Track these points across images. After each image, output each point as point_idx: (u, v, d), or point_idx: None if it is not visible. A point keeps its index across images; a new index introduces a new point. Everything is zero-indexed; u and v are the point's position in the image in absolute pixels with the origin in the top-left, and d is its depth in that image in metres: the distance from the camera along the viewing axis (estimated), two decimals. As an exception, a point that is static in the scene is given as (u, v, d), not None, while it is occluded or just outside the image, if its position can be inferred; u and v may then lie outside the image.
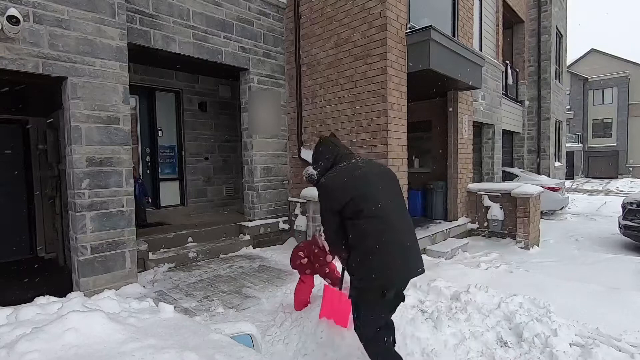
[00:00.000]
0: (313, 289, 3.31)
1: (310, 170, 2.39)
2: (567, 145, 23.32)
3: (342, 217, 2.16)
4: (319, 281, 3.27)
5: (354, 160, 2.34)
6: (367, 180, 2.18)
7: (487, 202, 6.83)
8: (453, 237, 6.52)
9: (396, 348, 2.36)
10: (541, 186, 7.40)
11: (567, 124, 22.10)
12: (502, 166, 10.14)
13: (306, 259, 3.14)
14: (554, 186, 9.67)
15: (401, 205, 2.30)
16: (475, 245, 6.33)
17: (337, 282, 2.93)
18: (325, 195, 2.24)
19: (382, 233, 2.08)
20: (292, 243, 5.90)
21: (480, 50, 8.40)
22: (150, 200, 6.67)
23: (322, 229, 2.42)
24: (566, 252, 6.11)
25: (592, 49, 32.61)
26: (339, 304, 2.79)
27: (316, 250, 3.09)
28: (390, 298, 2.19)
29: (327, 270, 3.07)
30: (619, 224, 6.95)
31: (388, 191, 2.23)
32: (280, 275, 4.61)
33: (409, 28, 5.33)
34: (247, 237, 5.95)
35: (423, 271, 2.20)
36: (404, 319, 3.15)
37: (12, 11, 3.25)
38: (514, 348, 2.77)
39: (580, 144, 30.16)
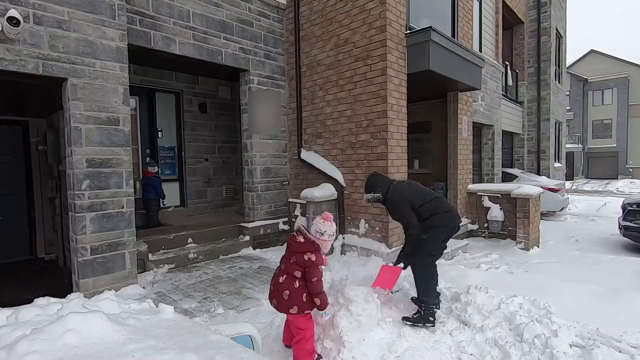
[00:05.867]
0: None
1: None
2: (567, 146, 23.28)
3: None
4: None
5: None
6: None
7: (487, 203, 6.83)
8: (453, 237, 6.49)
9: (395, 347, 2.35)
10: (541, 187, 7.40)
11: (566, 125, 22.07)
12: (501, 167, 10.15)
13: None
14: (554, 187, 9.67)
15: None
16: (475, 246, 6.32)
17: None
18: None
19: None
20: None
21: (480, 51, 8.41)
22: (165, 203, 6.59)
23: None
24: (566, 253, 6.10)
25: (592, 50, 32.68)
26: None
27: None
28: None
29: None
30: (619, 224, 6.95)
31: None
32: (280, 276, 4.59)
33: (409, 29, 5.34)
34: (247, 238, 5.95)
35: None
36: (404, 320, 3.15)
37: (13, 12, 3.25)
38: (514, 349, 2.77)
39: (580, 145, 30.18)
